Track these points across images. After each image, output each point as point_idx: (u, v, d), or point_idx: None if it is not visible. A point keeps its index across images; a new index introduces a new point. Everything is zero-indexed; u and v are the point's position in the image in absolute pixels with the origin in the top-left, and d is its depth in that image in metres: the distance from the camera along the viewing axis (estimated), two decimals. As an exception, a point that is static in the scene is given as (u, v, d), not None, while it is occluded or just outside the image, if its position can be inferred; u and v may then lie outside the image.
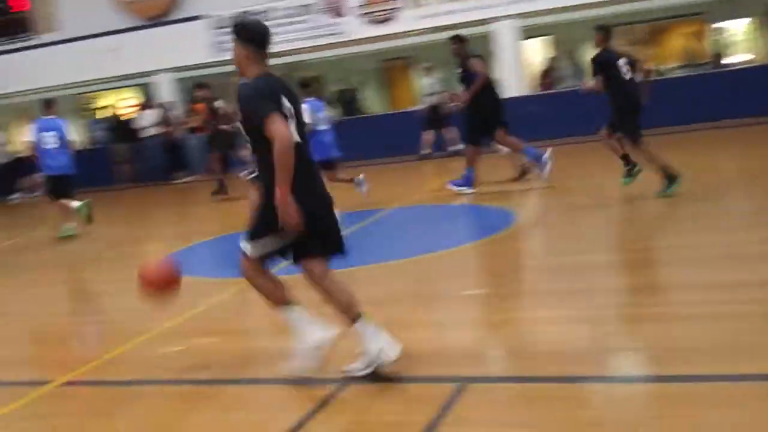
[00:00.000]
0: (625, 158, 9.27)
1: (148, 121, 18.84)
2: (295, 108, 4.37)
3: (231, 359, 5.34)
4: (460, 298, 6.26)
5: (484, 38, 17.05)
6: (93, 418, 4.60)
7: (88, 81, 20.44)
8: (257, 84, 4.31)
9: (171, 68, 19.32)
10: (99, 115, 21.75)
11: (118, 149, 19.38)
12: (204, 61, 18.79)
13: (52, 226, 11.93)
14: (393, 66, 21.69)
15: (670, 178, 8.70)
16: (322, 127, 10.64)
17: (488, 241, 8.13)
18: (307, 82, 11.41)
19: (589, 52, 10.03)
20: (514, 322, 5.43)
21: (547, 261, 7.26)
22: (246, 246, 4.44)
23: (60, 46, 19.82)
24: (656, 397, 3.96)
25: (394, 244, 8.75)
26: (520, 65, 17.30)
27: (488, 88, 10.85)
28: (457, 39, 10.98)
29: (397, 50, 19.58)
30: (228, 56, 4.63)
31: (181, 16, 19.15)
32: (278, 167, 4.10)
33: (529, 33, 17.78)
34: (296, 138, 4.26)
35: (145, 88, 21.25)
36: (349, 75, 20.54)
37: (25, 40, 20.64)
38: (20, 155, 22.26)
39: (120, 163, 19.37)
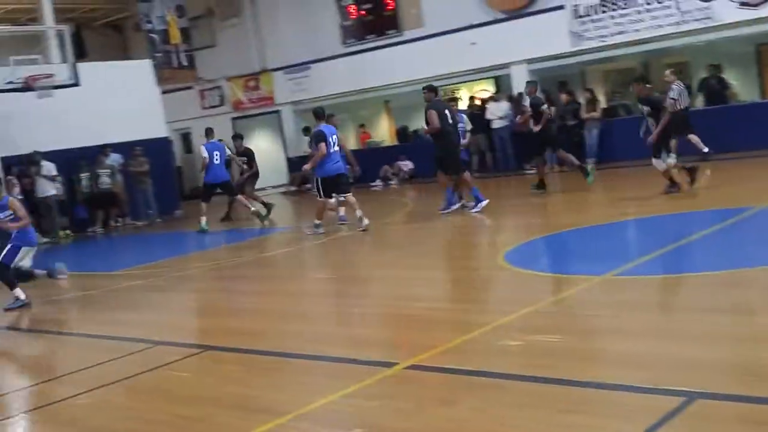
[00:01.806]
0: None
1: (499, 112, 19.12)
2: None
3: (571, 359, 5.16)
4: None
5: None
6: (433, 404, 4.68)
7: (447, 74, 21.22)
8: None
9: (526, 59, 19.38)
10: (457, 107, 22.44)
11: (473, 140, 19.88)
12: (561, 52, 18.63)
13: (408, 213, 12.53)
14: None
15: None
16: None
17: None
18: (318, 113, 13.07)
19: None
20: None
21: None
22: None
23: (424, 41, 20.78)
24: None
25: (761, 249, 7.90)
26: None
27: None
28: (428, 88, 13.00)
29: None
30: (587, 45, 4.44)
31: (542, 7, 19.10)
32: None
33: None
34: None
35: (499, 80, 21.58)
36: (718, 60, 19.10)
37: (393, 37, 21.91)
38: (382, 144, 24.02)
39: (475, 153, 19.88)
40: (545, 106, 12.88)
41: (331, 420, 4.76)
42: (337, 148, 12.31)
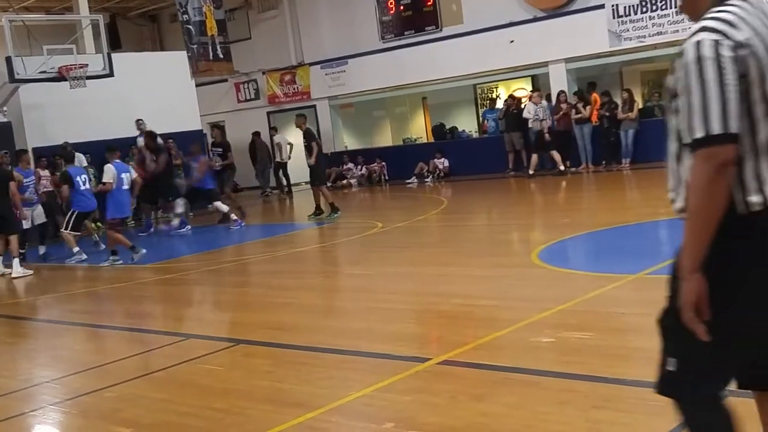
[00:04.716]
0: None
1: (536, 111, 19.04)
2: None
3: (603, 356, 5.17)
4: None
5: None
6: (466, 399, 4.69)
7: (484, 72, 21.15)
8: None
9: (565, 58, 19.26)
10: (494, 105, 22.40)
11: (509, 138, 19.82)
12: (600, 51, 18.49)
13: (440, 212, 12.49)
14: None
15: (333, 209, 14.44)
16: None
17: None
18: None
19: None
20: None
21: None
22: None
23: (463, 38, 20.73)
24: None
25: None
26: None
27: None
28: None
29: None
30: (625, 45, 4.39)
31: (581, 6, 18.94)
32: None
33: None
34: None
35: (537, 79, 21.45)
36: None
37: (432, 33, 21.85)
38: (417, 141, 24.02)
39: (510, 152, 19.81)
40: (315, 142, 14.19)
41: (364, 414, 4.78)
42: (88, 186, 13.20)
